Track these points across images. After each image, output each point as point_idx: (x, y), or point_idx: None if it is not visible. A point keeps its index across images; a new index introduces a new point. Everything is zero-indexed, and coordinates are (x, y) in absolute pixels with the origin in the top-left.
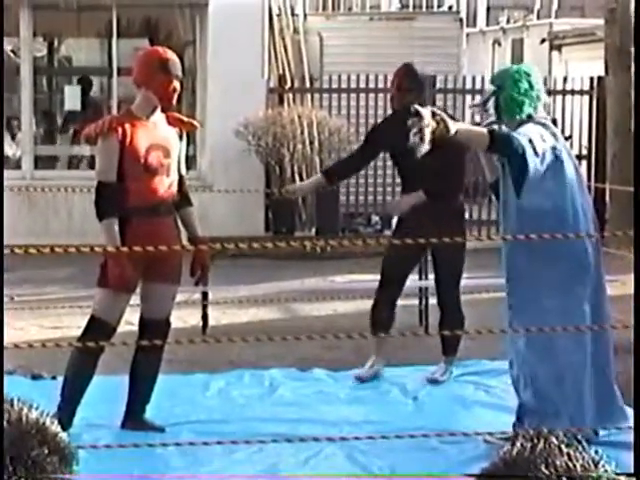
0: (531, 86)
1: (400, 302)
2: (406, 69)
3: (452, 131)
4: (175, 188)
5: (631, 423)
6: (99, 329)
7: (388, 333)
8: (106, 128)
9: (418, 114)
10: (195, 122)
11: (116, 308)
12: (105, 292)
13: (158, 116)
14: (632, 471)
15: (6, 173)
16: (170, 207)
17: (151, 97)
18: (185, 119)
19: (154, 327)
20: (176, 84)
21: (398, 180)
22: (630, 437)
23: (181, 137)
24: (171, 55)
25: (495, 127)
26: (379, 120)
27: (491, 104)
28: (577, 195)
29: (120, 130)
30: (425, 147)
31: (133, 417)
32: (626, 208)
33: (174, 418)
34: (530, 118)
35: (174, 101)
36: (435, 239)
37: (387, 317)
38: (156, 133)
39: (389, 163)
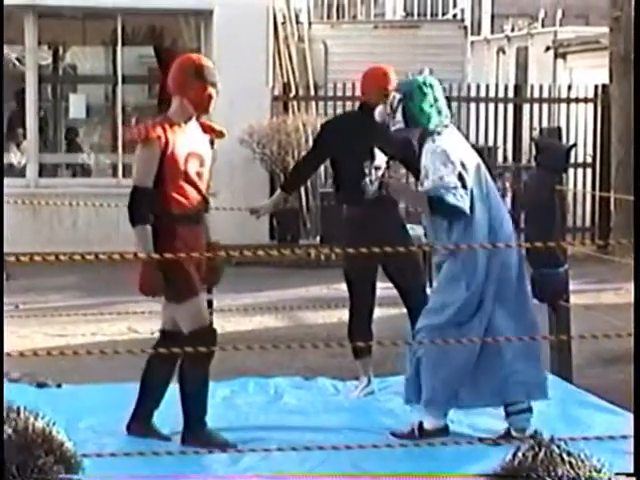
0: (435, 98)
1: (402, 310)
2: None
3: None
4: (206, 195)
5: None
6: (202, 338)
7: (369, 352)
8: (149, 135)
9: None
10: (223, 130)
11: (203, 311)
12: (186, 304)
13: (194, 123)
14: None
15: (11, 181)
16: (204, 214)
17: (186, 105)
18: (217, 127)
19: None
20: (211, 91)
21: None
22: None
23: (212, 144)
24: (206, 62)
25: (427, 185)
26: None
27: (399, 112)
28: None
29: (162, 137)
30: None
31: (141, 421)
32: (631, 216)
33: (179, 426)
34: (434, 130)
35: (210, 109)
36: (385, 247)
37: (366, 331)
38: (193, 141)
39: None
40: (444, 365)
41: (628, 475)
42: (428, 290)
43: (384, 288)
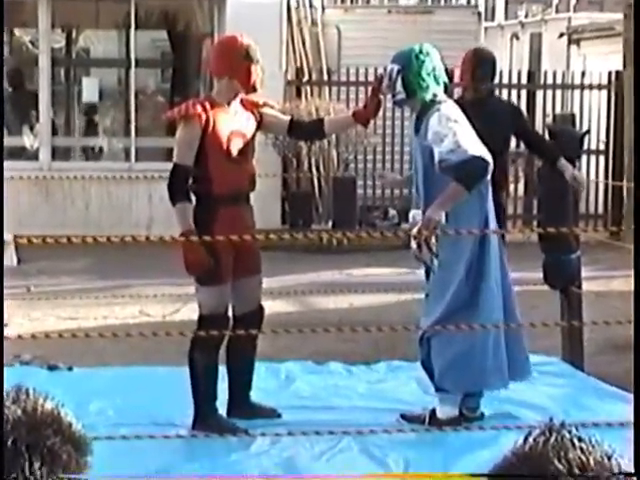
0: (434, 67)
1: (413, 295)
2: (479, 55)
3: (442, 219)
4: (253, 175)
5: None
6: (213, 325)
7: None
8: (190, 112)
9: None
10: (272, 102)
11: (223, 300)
12: (208, 289)
13: (236, 103)
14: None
15: (23, 164)
16: (249, 194)
17: (235, 85)
18: (260, 101)
19: (251, 318)
20: (259, 69)
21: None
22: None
23: (260, 124)
24: (250, 41)
25: (449, 159)
26: (396, 114)
27: (399, 84)
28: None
29: (203, 116)
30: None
31: (240, 405)
32: None
33: (190, 410)
34: (434, 100)
35: (259, 87)
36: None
37: None
38: (236, 119)
39: (407, 157)
40: (451, 347)
41: (628, 475)
42: None
43: (395, 274)
